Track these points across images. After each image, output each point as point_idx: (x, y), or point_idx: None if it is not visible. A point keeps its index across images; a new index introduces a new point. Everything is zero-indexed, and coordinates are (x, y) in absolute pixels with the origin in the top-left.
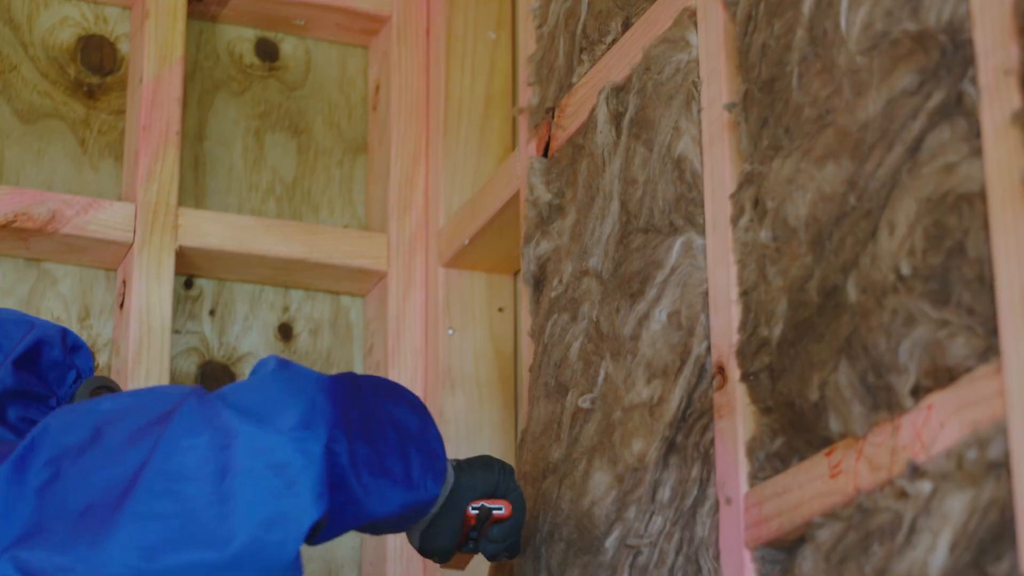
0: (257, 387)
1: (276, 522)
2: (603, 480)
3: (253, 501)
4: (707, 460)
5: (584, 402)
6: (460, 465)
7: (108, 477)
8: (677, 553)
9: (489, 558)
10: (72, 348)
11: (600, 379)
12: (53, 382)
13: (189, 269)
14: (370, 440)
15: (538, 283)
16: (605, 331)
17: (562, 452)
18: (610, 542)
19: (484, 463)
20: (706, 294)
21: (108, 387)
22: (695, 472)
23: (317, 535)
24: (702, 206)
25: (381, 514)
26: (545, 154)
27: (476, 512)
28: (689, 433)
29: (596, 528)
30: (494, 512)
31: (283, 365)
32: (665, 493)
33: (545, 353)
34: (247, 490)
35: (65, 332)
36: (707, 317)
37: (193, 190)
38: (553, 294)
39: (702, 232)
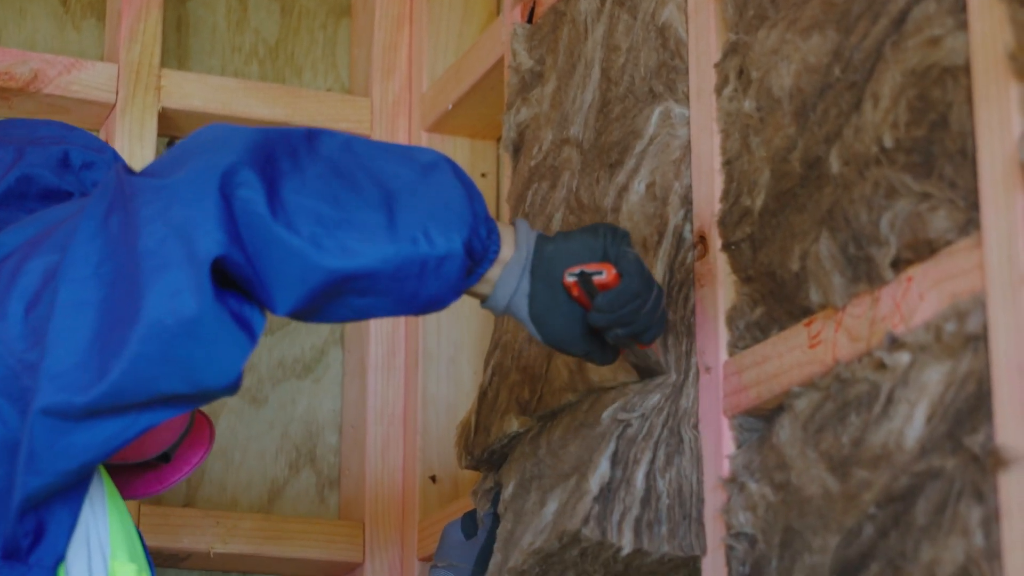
0: (177, 147)
1: (174, 279)
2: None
3: (150, 260)
4: (691, 331)
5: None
6: (556, 235)
7: (40, 269)
8: (664, 426)
9: (612, 341)
10: (84, 165)
11: None
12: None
13: (172, 131)
14: (320, 192)
15: (517, 150)
16: (586, 202)
17: None
18: (606, 414)
19: (588, 229)
20: (679, 162)
21: None
22: (685, 345)
23: (276, 301)
24: (684, 74)
25: (351, 268)
26: (530, 20)
27: (575, 279)
28: (675, 307)
29: (603, 406)
30: (594, 277)
31: (222, 127)
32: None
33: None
34: (146, 252)
35: (68, 152)
36: (682, 186)
37: (176, 51)
38: (532, 162)
39: (681, 101)
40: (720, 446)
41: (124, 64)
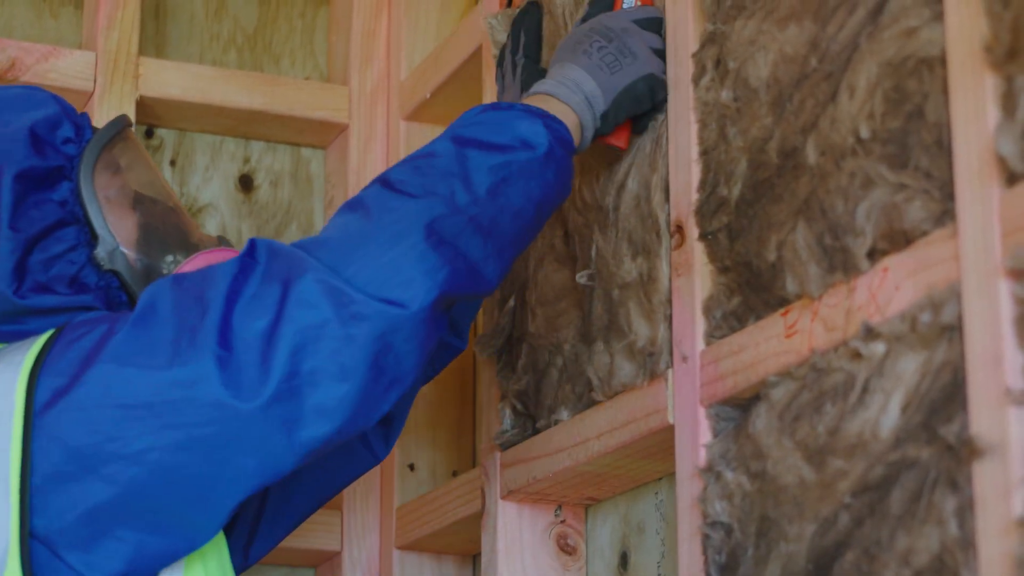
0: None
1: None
2: (626, 367)
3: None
4: None
5: (582, 278)
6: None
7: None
8: None
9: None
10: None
11: (593, 253)
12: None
13: (150, 119)
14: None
15: None
16: (589, 201)
17: (582, 327)
18: None
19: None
20: (653, 154)
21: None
22: None
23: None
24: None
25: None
26: (510, 4)
27: None
28: None
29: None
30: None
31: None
32: None
33: None
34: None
35: (32, 127)
36: (660, 178)
37: (154, 39)
38: None
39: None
40: (696, 435)
41: (102, 52)
